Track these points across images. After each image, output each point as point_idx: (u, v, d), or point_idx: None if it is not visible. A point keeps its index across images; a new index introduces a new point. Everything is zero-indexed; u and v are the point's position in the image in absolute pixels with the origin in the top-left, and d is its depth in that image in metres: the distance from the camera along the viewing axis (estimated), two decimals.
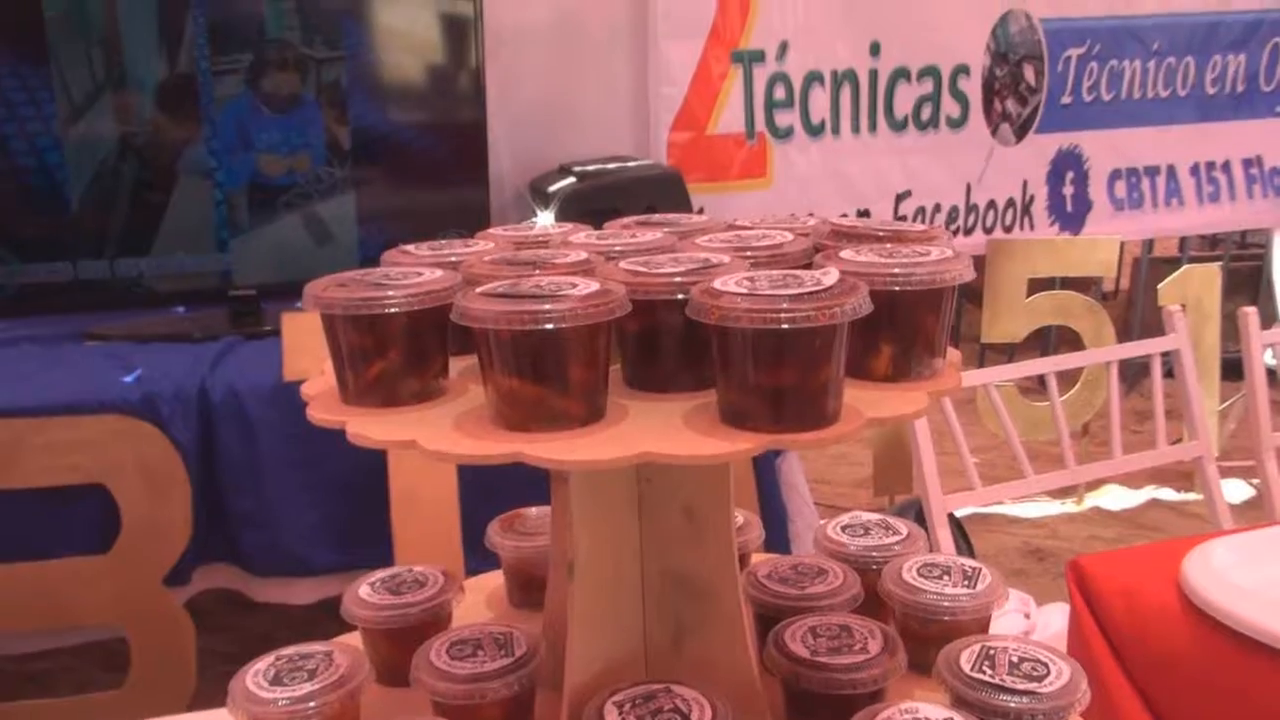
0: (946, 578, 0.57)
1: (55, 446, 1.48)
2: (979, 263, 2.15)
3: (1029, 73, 2.01)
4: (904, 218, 2.00)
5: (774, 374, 0.40)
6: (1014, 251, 2.01)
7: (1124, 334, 2.41)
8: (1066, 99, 2.04)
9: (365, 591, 0.59)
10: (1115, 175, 2.12)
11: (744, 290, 0.41)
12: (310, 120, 1.76)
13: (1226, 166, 2.14)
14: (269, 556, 1.60)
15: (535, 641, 0.54)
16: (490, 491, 0.96)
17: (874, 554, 0.62)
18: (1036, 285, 2.05)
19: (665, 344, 0.46)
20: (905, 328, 0.46)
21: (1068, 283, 2.13)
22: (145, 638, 1.54)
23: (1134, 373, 2.69)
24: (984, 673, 0.50)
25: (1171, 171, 2.12)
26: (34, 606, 1.50)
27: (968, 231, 2.11)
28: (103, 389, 1.51)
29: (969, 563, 0.59)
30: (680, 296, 0.44)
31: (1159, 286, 1.89)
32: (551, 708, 0.53)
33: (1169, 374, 1.65)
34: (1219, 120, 2.11)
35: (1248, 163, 2.15)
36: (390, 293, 0.45)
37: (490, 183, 1.91)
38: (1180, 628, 0.75)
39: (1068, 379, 1.67)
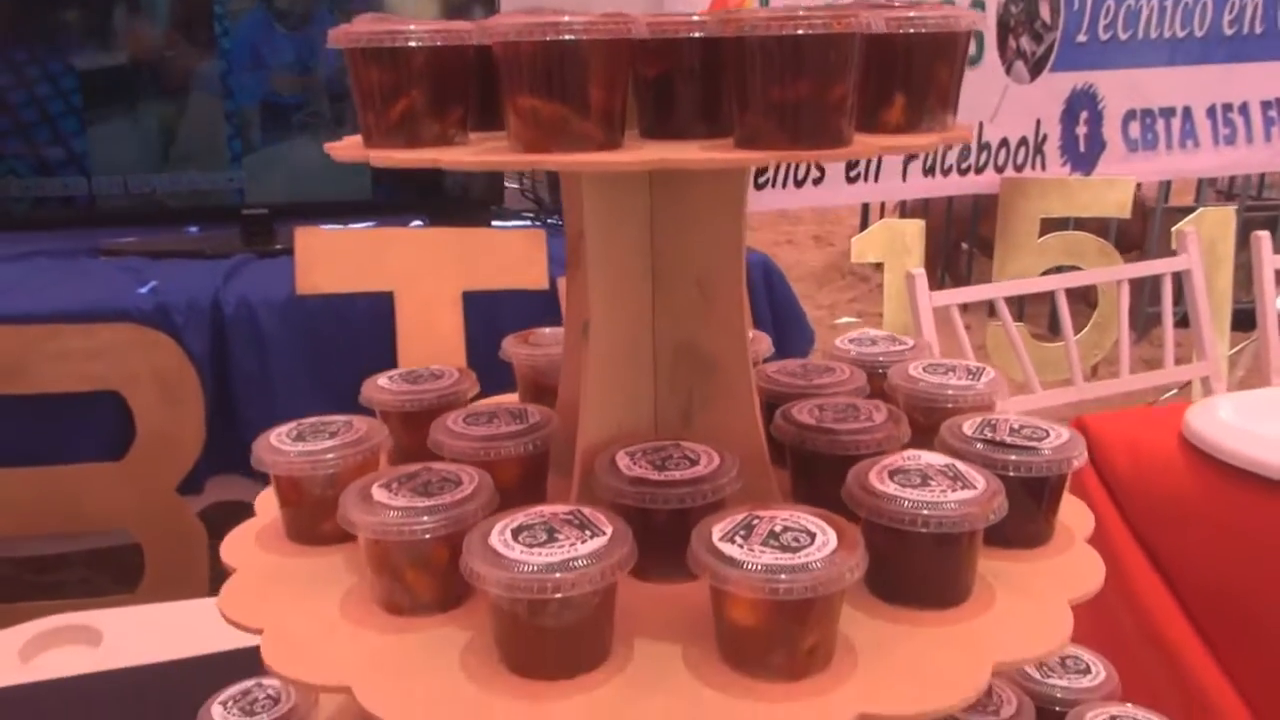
0: (951, 374, 0.58)
1: (69, 353, 1.50)
2: (990, 203, 2.14)
3: (1044, 9, 2.00)
4: (915, 154, 2.00)
5: (789, 87, 0.41)
6: (1027, 191, 2.00)
7: (1136, 284, 2.40)
8: (1082, 37, 2.03)
9: (383, 381, 0.60)
10: (1130, 115, 2.10)
11: (762, 9, 0.41)
12: (324, 39, 1.76)
13: (1244, 109, 2.13)
14: None
15: (549, 415, 0.55)
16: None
17: (880, 358, 0.62)
18: (1049, 226, 2.04)
19: (683, 91, 0.46)
20: (919, 77, 0.46)
21: (1080, 224, 2.12)
22: (158, 544, 1.56)
23: (1144, 321, 2.68)
24: (985, 435, 0.50)
25: (1188, 113, 2.11)
26: (49, 510, 1.52)
27: (979, 170, 2.10)
28: (117, 298, 1.53)
29: (973, 363, 0.60)
30: (699, 34, 0.44)
31: (1173, 229, 1.89)
32: (564, 490, 0.53)
33: (1181, 323, 1.65)
34: (1238, 61, 2.09)
35: (1266, 105, 2.13)
36: (413, 27, 0.46)
37: None
38: (1181, 472, 0.76)
39: (1077, 324, 1.67)
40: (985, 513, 0.44)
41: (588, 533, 0.42)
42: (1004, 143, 2.05)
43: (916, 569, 0.45)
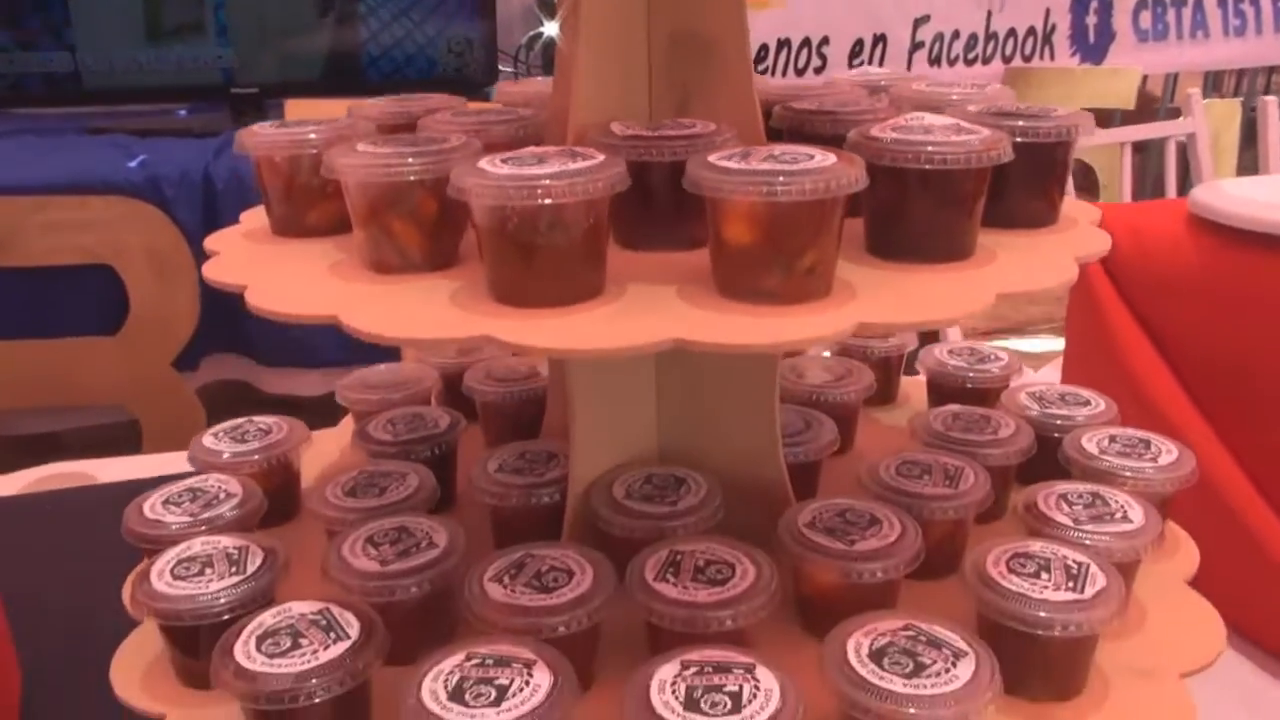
0: (956, 87, 0.57)
1: (59, 225, 1.48)
2: None
3: None
4: (921, 44, 1.96)
5: None
6: (1031, 80, 1.96)
7: (1139, 183, 2.37)
8: None
9: (372, 101, 0.59)
10: (1141, 4, 2.06)
11: None
12: None
13: None
14: (276, 347, 1.61)
15: (539, 114, 0.54)
16: None
17: (883, 81, 0.61)
18: None
19: None
20: None
21: None
22: (155, 418, 1.56)
23: None
24: (991, 111, 0.49)
25: (1199, 2, 2.07)
26: (45, 383, 1.51)
27: (986, 60, 2.06)
28: (107, 171, 1.50)
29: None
30: None
31: (1178, 120, 1.86)
32: None
33: None
34: None
35: None
36: None
37: None
38: (1185, 246, 0.75)
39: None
40: (990, 150, 0.43)
41: (579, 158, 0.41)
42: (1011, 33, 2.01)
43: (917, 219, 0.44)
